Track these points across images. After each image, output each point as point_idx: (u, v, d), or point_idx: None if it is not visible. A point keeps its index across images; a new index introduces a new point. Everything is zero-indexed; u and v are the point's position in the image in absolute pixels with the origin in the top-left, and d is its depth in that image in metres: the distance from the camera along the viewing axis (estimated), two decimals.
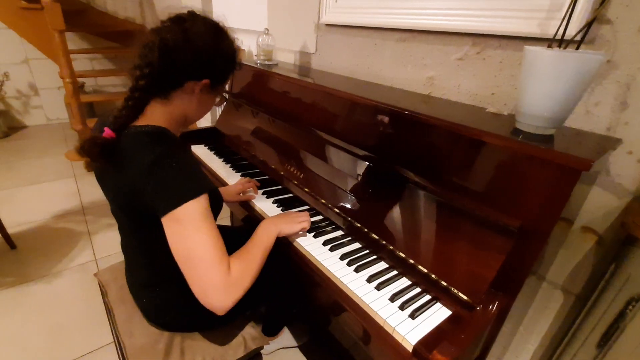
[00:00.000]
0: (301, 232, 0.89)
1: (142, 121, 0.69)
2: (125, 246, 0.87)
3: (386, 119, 0.90)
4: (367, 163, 0.95)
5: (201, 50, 0.68)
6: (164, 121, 0.70)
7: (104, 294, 0.99)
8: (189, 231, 0.60)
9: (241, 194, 1.11)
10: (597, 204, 0.84)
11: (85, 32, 3.37)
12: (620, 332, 0.69)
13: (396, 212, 0.84)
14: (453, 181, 0.75)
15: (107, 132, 0.65)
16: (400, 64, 1.20)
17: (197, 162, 0.67)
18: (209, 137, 1.55)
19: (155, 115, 0.70)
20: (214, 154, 1.41)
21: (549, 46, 0.69)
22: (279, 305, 1.15)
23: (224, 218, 2.08)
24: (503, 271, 0.65)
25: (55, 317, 1.41)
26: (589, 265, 0.89)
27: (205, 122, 3.02)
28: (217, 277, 0.60)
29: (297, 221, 0.86)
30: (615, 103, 0.77)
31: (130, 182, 0.63)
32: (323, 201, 1.01)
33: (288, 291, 1.05)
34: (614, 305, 0.70)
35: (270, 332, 1.29)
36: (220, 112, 1.65)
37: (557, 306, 0.97)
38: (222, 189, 1.12)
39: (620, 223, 0.75)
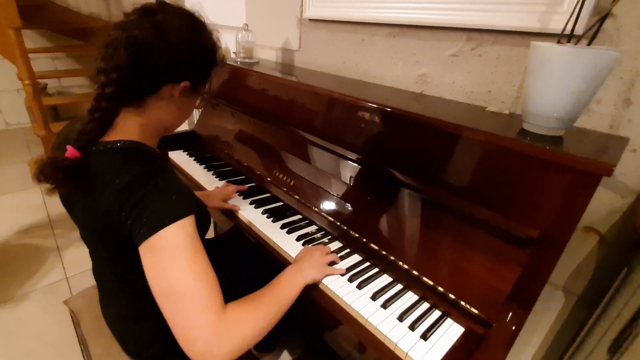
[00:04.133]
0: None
1: (112, 135, 0.59)
2: (98, 273, 0.77)
3: (383, 121, 0.85)
4: (364, 168, 0.89)
5: (178, 48, 0.58)
6: (139, 133, 0.61)
7: (75, 323, 0.89)
8: (170, 262, 0.50)
9: (224, 201, 1.02)
10: (599, 203, 0.82)
11: (45, 29, 3.12)
12: (634, 338, 0.66)
13: (398, 220, 0.79)
14: (460, 187, 0.70)
15: (71, 151, 0.55)
16: (390, 60, 1.15)
17: (180, 180, 0.58)
18: (188, 141, 1.44)
19: (128, 127, 0.60)
20: (194, 160, 1.31)
21: (559, 42, 0.65)
22: None
23: None
24: (518, 283, 0.61)
25: (23, 346, 1.28)
26: (592, 265, 0.87)
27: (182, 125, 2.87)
28: (204, 318, 0.50)
29: (324, 262, 0.75)
30: (618, 100, 0.75)
31: (102, 209, 0.53)
32: (316, 209, 0.95)
33: None
34: (627, 310, 0.67)
35: (265, 347, 1.22)
36: (198, 115, 1.55)
37: (559, 307, 0.95)
38: (201, 194, 1.03)
39: (632, 226, 0.73)
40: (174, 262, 0.50)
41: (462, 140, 0.70)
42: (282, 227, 0.91)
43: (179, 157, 1.33)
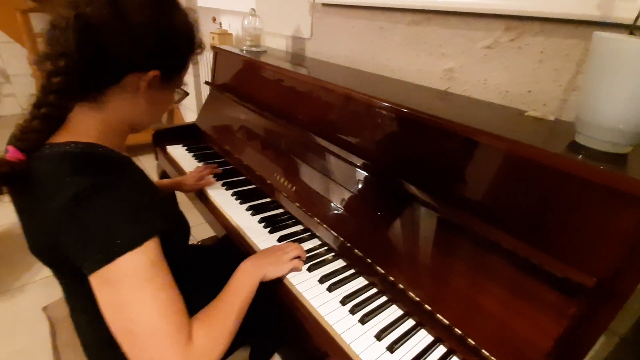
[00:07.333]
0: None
1: (64, 135, 0.49)
2: (64, 292, 0.68)
3: (402, 124, 0.72)
4: (377, 179, 0.77)
5: (142, 30, 0.48)
6: (97, 133, 0.51)
7: (52, 334, 0.82)
8: (130, 296, 0.42)
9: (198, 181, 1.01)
10: None
11: None
12: None
13: (413, 243, 0.67)
14: (493, 212, 0.58)
15: (12, 152, 0.46)
16: (411, 52, 1.01)
17: (147, 190, 0.49)
18: (189, 135, 1.35)
19: (84, 126, 0.50)
20: (192, 156, 1.22)
21: (631, 33, 0.50)
22: (266, 333, 0.99)
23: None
24: (562, 339, 0.49)
25: (16, 343, 1.23)
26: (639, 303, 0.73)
27: (191, 114, 2.80)
28: (173, 355, 0.43)
29: (286, 259, 0.69)
30: None
31: (44, 228, 0.44)
32: (318, 221, 0.84)
33: (276, 318, 0.88)
34: None
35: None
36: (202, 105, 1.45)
37: (597, 346, 0.82)
38: (178, 180, 1.02)
39: None
40: (135, 295, 0.43)
41: (496, 152, 0.57)
42: (280, 240, 0.81)
43: (178, 152, 1.24)
